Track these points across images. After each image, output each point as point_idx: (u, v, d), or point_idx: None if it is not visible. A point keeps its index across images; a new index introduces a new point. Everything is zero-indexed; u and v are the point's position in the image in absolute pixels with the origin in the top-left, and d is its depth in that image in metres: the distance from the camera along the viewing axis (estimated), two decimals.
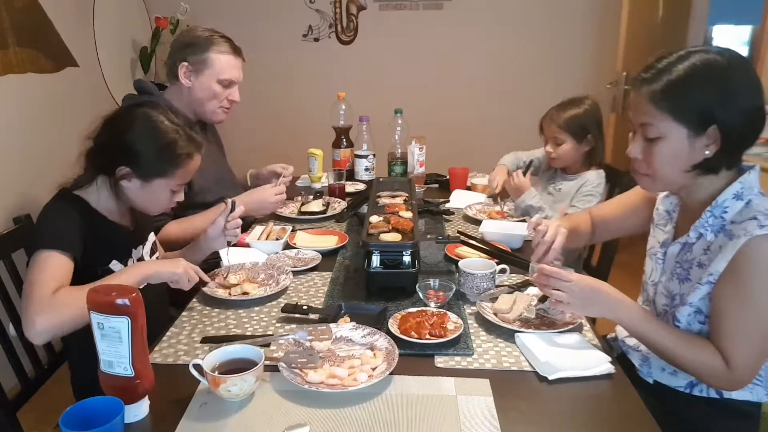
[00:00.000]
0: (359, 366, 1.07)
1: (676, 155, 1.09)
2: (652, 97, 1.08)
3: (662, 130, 1.09)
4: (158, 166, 1.31)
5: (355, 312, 1.30)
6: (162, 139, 1.30)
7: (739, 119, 1.05)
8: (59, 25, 2.64)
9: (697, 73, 1.05)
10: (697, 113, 1.06)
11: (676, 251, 1.20)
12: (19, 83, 2.36)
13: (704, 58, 1.06)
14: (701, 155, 1.08)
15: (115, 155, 1.30)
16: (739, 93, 1.05)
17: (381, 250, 1.40)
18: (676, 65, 1.07)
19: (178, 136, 1.32)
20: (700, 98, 1.05)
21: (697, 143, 1.07)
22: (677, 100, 1.06)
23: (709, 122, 1.05)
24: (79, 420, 0.84)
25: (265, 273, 1.52)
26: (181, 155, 1.32)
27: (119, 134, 1.31)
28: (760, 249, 1.02)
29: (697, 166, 1.10)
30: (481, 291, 1.36)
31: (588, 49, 3.54)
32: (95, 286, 0.95)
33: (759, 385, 1.15)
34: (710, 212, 1.11)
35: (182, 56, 1.78)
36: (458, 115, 3.66)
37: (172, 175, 1.33)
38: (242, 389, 0.99)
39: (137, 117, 1.32)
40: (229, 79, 1.81)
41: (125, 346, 0.92)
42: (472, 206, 2.07)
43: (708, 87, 1.05)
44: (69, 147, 2.59)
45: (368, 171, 2.46)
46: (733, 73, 1.05)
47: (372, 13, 3.60)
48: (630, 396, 1.03)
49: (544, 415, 0.99)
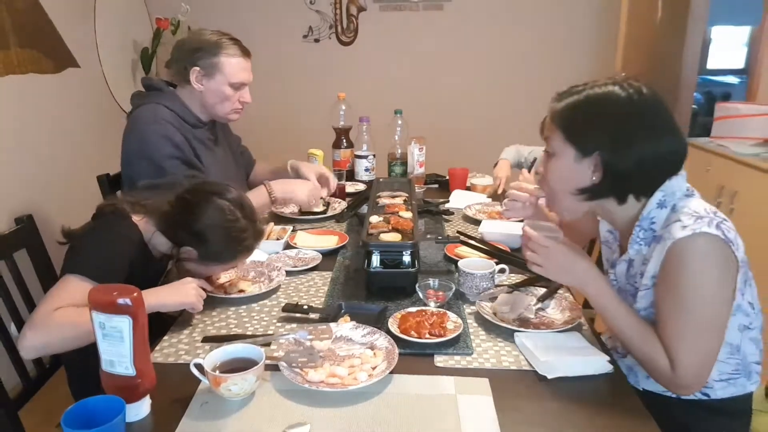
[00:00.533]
0: (359, 365, 1.08)
1: (565, 175, 1.14)
2: (552, 115, 1.15)
3: (554, 147, 1.15)
4: (222, 256, 1.33)
5: (355, 311, 1.30)
6: (232, 233, 1.29)
7: (622, 156, 1.07)
8: (60, 26, 2.64)
9: (588, 101, 1.10)
10: (583, 137, 1.10)
11: (624, 269, 1.21)
12: (20, 84, 2.36)
13: (609, 91, 1.09)
14: (588, 180, 1.11)
15: (184, 236, 1.30)
16: (631, 133, 1.07)
17: (381, 250, 1.40)
18: (581, 91, 1.12)
19: (246, 235, 1.31)
20: (587, 124, 1.10)
21: (583, 166, 1.11)
22: (567, 122, 1.12)
23: (592, 149, 1.09)
24: (80, 419, 0.84)
25: (255, 270, 1.53)
26: (244, 249, 1.34)
27: (193, 219, 1.28)
28: (685, 250, 1.02)
29: (584, 190, 1.13)
30: (481, 291, 1.37)
31: (588, 49, 3.54)
32: (97, 287, 0.96)
33: (738, 376, 1.15)
34: (639, 227, 1.12)
35: (192, 61, 1.78)
36: (458, 115, 3.67)
37: (231, 263, 1.36)
38: (243, 388, 0.99)
39: (214, 208, 1.29)
40: (240, 81, 1.82)
41: (126, 346, 0.92)
42: (472, 206, 2.08)
43: (597, 116, 1.10)
44: (70, 147, 2.60)
45: (368, 171, 2.46)
46: (632, 111, 1.08)
47: (372, 13, 3.61)
48: (629, 396, 1.04)
49: (543, 414, 0.99)
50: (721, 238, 1.02)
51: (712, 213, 1.06)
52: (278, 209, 2.05)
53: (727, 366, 1.15)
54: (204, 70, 1.77)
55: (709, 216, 1.04)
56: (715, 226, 1.02)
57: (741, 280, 1.09)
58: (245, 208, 1.33)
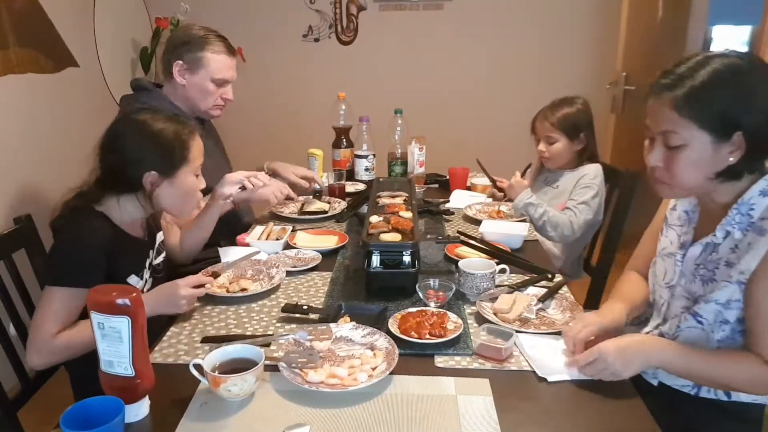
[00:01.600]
0: (359, 366, 1.07)
1: (700, 163, 1.07)
2: (674, 104, 1.05)
3: (685, 137, 1.06)
4: (175, 156, 1.34)
5: (355, 312, 1.30)
6: (161, 133, 1.32)
7: (764, 123, 1.03)
8: (59, 26, 2.64)
9: (719, 79, 1.03)
10: (721, 120, 1.03)
11: (697, 253, 1.17)
12: (19, 83, 2.36)
13: (726, 62, 1.04)
14: (725, 162, 1.06)
15: (132, 172, 1.30)
16: (763, 96, 1.03)
17: (381, 250, 1.40)
18: (698, 70, 1.04)
19: (171, 123, 1.35)
20: (724, 104, 1.03)
21: (721, 150, 1.05)
22: (701, 107, 1.04)
23: (733, 129, 1.03)
24: (79, 420, 0.84)
25: (253, 269, 1.52)
26: (184, 137, 1.35)
27: (122, 153, 1.31)
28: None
29: (721, 173, 1.07)
30: (481, 291, 1.36)
31: (588, 49, 3.54)
32: (97, 287, 0.95)
33: None
34: (737, 210, 1.09)
35: (177, 54, 1.79)
36: (458, 115, 3.66)
37: (190, 158, 1.36)
38: (242, 389, 0.99)
39: (129, 129, 1.33)
40: (223, 78, 1.83)
41: (125, 346, 0.92)
42: (472, 206, 2.07)
43: (731, 92, 1.03)
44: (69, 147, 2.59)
45: (368, 171, 2.46)
46: (754, 76, 1.04)
47: (372, 13, 3.60)
48: (630, 396, 1.03)
49: (543, 415, 0.99)
50: None
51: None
52: (278, 210, 2.04)
53: None
54: (187, 64, 1.78)
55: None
56: None
57: None
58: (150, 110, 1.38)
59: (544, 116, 2.08)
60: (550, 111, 2.07)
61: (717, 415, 1.18)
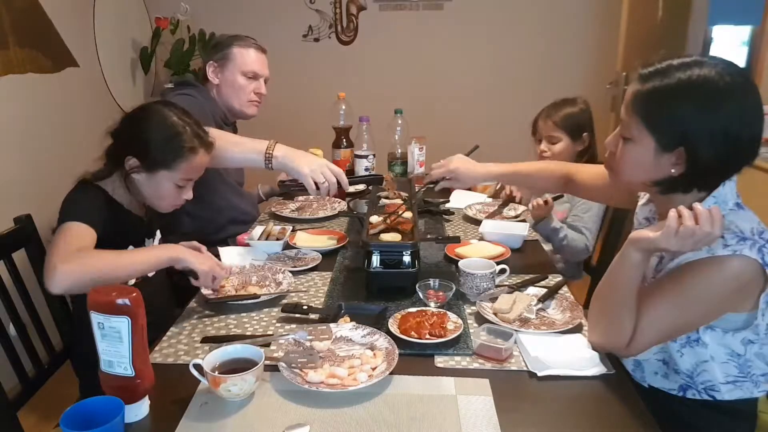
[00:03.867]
0: (359, 366, 1.07)
1: (641, 164, 1.06)
2: (635, 98, 1.05)
3: (634, 132, 1.05)
4: (162, 157, 1.35)
5: (355, 312, 1.30)
6: (167, 130, 1.35)
7: (710, 150, 0.99)
8: (59, 26, 2.64)
9: (684, 88, 0.99)
10: (667, 129, 1.01)
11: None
12: (19, 83, 2.36)
13: (704, 74, 0.98)
14: (666, 172, 1.04)
15: (125, 146, 1.36)
16: (719, 121, 0.98)
17: (381, 250, 1.40)
18: (674, 73, 1.00)
19: (183, 130, 1.36)
20: (675, 115, 1.00)
21: (662, 159, 1.03)
22: (653, 110, 1.02)
23: (677, 143, 1.00)
24: (79, 420, 0.84)
25: (257, 275, 1.50)
26: (184, 148, 1.35)
27: (131, 126, 1.37)
28: (716, 263, 1.01)
29: (659, 183, 1.06)
30: (481, 291, 1.36)
31: (588, 49, 3.54)
32: (98, 287, 0.95)
33: (745, 380, 1.14)
34: None
35: (209, 57, 1.89)
36: (458, 115, 3.66)
37: (175, 168, 1.36)
38: (242, 389, 0.99)
39: (148, 111, 1.38)
40: (252, 70, 1.90)
41: (125, 346, 0.92)
42: (472, 206, 2.07)
43: (689, 106, 0.99)
44: (69, 146, 2.60)
45: (368, 171, 2.46)
46: (726, 99, 0.98)
47: (372, 13, 3.60)
48: (630, 396, 1.03)
49: (543, 415, 0.99)
50: (757, 263, 1.00)
51: (758, 235, 1.02)
52: (279, 211, 2.05)
53: (731, 368, 1.13)
54: (218, 62, 1.86)
55: (754, 239, 1.01)
56: (757, 250, 1.00)
57: (764, 301, 1.06)
58: (183, 112, 1.39)
59: (547, 115, 2.06)
60: (553, 110, 2.05)
61: (709, 413, 1.17)
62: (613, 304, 1.09)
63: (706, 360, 1.12)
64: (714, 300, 1.05)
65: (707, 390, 1.15)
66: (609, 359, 1.12)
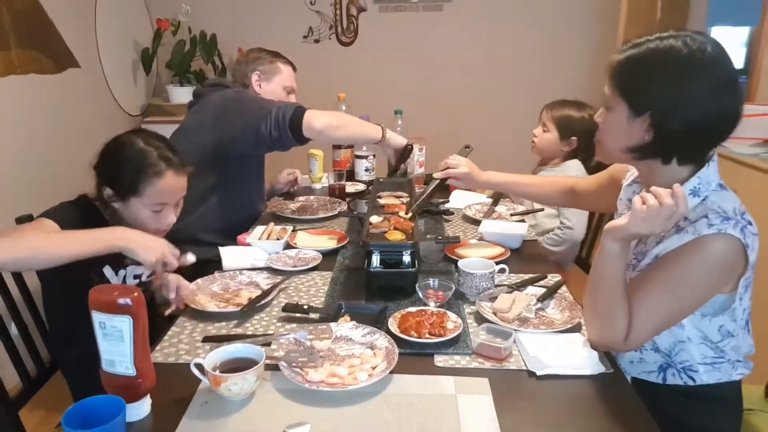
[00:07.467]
0: (359, 365, 1.08)
1: (616, 131, 1.11)
2: (612, 67, 1.11)
3: (610, 101, 1.11)
4: (129, 184, 1.36)
5: (355, 311, 1.30)
6: (133, 156, 1.37)
7: (676, 118, 1.03)
8: (61, 27, 2.65)
9: (652, 57, 1.04)
10: (636, 94, 1.06)
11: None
12: (20, 84, 2.37)
13: (672, 45, 1.03)
14: (640, 139, 1.08)
15: (101, 177, 1.39)
16: (689, 92, 1.02)
17: (381, 250, 1.40)
18: (647, 43, 1.06)
19: (148, 155, 1.37)
20: (642, 81, 1.06)
21: (634, 124, 1.07)
22: (626, 76, 1.08)
23: (644, 108, 1.05)
24: (81, 419, 0.85)
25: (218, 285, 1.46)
26: (148, 173, 1.36)
27: (103, 157, 1.41)
28: (702, 244, 1.02)
29: (634, 149, 1.10)
30: (481, 290, 1.37)
31: (587, 49, 3.54)
32: (98, 287, 0.95)
33: (722, 362, 1.15)
34: None
35: (253, 67, 2.03)
36: (458, 115, 3.67)
37: (143, 192, 1.37)
38: (243, 388, 0.99)
39: (117, 140, 1.41)
40: (291, 86, 2.10)
41: (127, 346, 0.93)
42: (472, 206, 2.08)
43: (656, 73, 1.04)
44: (70, 147, 2.60)
45: (368, 171, 2.46)
46: (693, 68, 1.02)
47: (372, 14, 3.61)
48: (629, 395, 1.04)
49: (543, 413, 0.99)
50: (741, 243, 1.02)
51: (740, 215, 1.05)
52: (281, 211, 2.05)
53: (707, 350, 1.14)
54: (264, 74, 2.04)
55: (736, 218, 1.03)
56: (740, 230, 1.02)
57: (743, 285, 1.08)
58: (151, 137, 1.42)
59: (551, 107, 2.18)
60: (558, 105, 2.17)
61: (692, 401, 1.18)
62: (602, 299, 1.10)
63: (683, 340, 1.14)
64: (705, 281, 1.05)
65: (686, 370, 1.16)
66: (607, 358, 1.13)
